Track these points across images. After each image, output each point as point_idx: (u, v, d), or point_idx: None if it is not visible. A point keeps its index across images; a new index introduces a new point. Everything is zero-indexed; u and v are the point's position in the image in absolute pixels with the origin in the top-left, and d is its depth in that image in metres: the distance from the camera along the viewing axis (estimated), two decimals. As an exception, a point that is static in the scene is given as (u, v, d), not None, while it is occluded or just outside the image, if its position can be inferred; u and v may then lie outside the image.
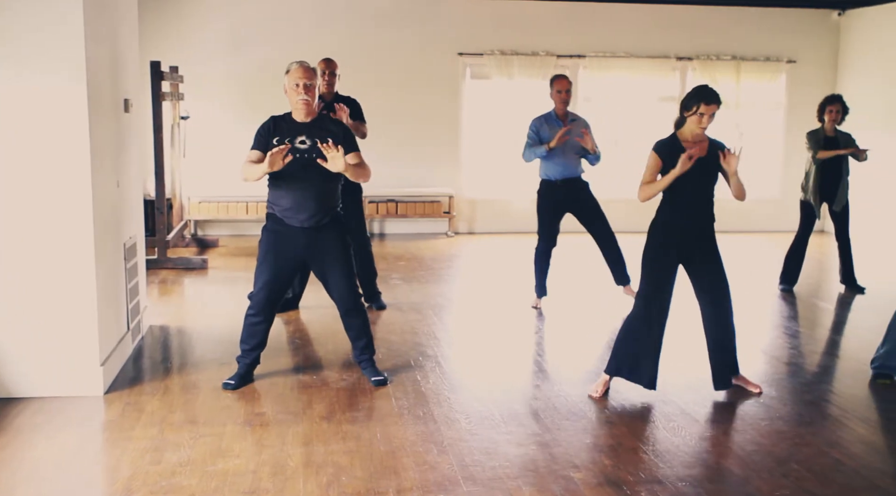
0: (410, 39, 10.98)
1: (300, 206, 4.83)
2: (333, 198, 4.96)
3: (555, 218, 6.94)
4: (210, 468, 3.86)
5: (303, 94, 4.81)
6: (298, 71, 4.83)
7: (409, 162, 11.18)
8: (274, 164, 4.60)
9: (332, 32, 10.62)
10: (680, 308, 5.54)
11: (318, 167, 4.81)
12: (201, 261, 8.66)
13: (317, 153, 4.80)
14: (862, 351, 5.82)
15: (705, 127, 4.67)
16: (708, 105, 4.61)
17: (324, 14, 10.75)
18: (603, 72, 11.26)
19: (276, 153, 4.59)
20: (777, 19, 11.61)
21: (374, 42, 10.85)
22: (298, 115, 4.87)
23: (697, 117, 4.64)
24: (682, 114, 4.73)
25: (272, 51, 10.39)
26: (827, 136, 7.59)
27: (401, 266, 8.96)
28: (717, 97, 4.64)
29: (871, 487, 3.78)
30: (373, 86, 10.37)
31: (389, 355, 5.65)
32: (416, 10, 10.95)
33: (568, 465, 3.96)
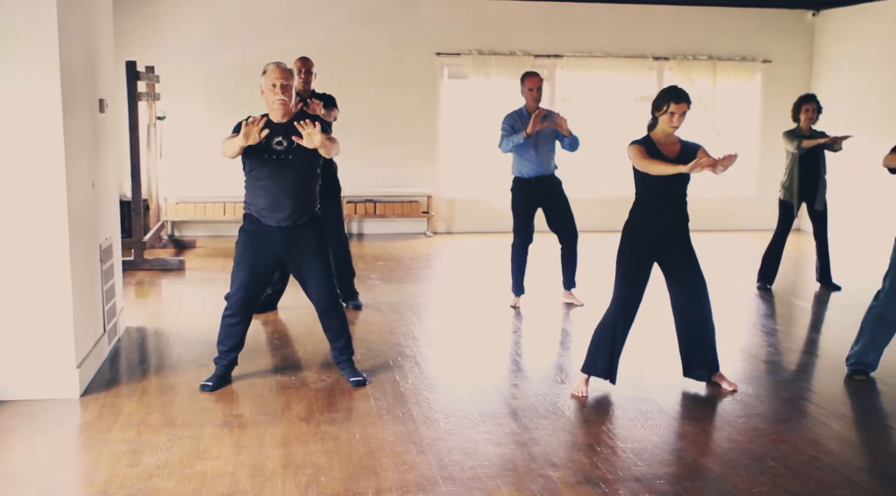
0: (388, 39, 10.96)
1: (277, 205, 4.81)
2: (311, 197, 4.95)
3: (528, 213, 6.96)
4: (188, 470, 3.84)
5: (279, 95, 4.80)
6: (275, 71, 4.82)
7: (388, 162, 11.16)
8: (249, 134, 4.59)
9: (309, 32, 10.58)
10: (656, 306, 5.58)
11: (295, 167, 4.80)
12: (178, 263, 8.61)
13: (293, 154, 4.79)
14: (838, 348, 5.87)
15: (676, 126, 4.71)
16: (678, 103, 4.65)
17: (301, 14, 10.71)
18: (580, 72, 11.29)
19: (251, 124, 4.59)
20: (752, 19, 11.69)
21: (352, 42, 10.82)
22: (275, 116, 4.85)
23: (668, 116, 4.68)
24: (653, 114, 4.78)
25: (249, 51, 10.34)
26: (804, 136, 7.65)
27: (379, 266, 8.95)
28: (686, 96, 4.69)
29: (847, 483, 3.81)
30: (350, 86, 10.35)
31: (368, 355, 5.64)
32: (393, 11, 10.93)
33: (546, 464, 3.97)
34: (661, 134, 4.78)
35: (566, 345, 6.17)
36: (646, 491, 3.70)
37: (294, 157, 4.80)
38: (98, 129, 5.49)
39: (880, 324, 5.20)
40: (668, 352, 5.54)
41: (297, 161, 4.82)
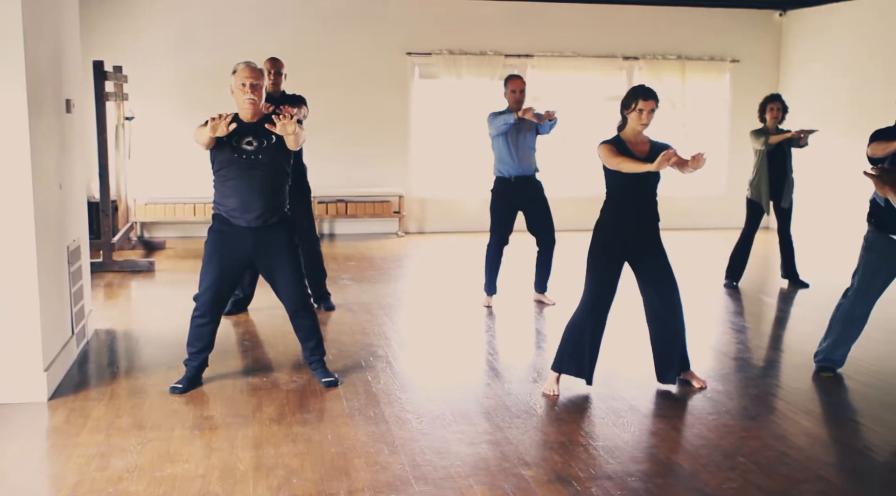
0: (358, 39, 10.94)
1: (247, 205, 4.78)
2: (281, 197, 4.92)
3: (507, 216, 6.97)
4: (158, 473, 3.81)
5: (249, 94, 4.78)
6: (245, 71, 4.80)
7: (359, 162, 11.14)
8: (216, 127, 4.58)
9: (278, 32, 10.53)
10: (629, 305, 5.61)
11: (264, 167, 4.79)
12: (148, 264, 8.54)
13: (263, 154, 4.77)
14: (806, 345, 5.93)
15: (646, 123, 4.75)
16: (646, 100, 4.70)
17: (270, 13, 10.66)
18: (551, 71, 11.33)
19: (217, 119, 4.58)
20: (721, 19, 11.80)
21: (322, 42, 10.79)
22: (245, 115, 4.83)
23: (637, 114, 4.72)
24: (622, 114, 4.82)
25: (218, 51, 10.28)
26: (770, 134, 7.72)
27: (351, 266, 8.93)
28: (653, 93, 4.74)
29: (815, 478, 3.86)
30: (321, 86, 10.32)
31: (340, 356, 5.63)
32: (364, 10, 10.91)
33: (519, 463, 3.97)
34: (631, 133, 4.81)
35: (538, 345, 6.18)
36: (617, 488, 3.72)
37: (263, 156, 4.78)
38: (65, 130, 5.43)
39: (848, 321, 5.25)
40: (640, 350, 5.58)
41: (267, 161, 4.80)
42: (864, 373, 5.38)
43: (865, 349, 5.68)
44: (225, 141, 4.75)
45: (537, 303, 7.19)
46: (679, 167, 4.71)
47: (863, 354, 5.62)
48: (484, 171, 7.09)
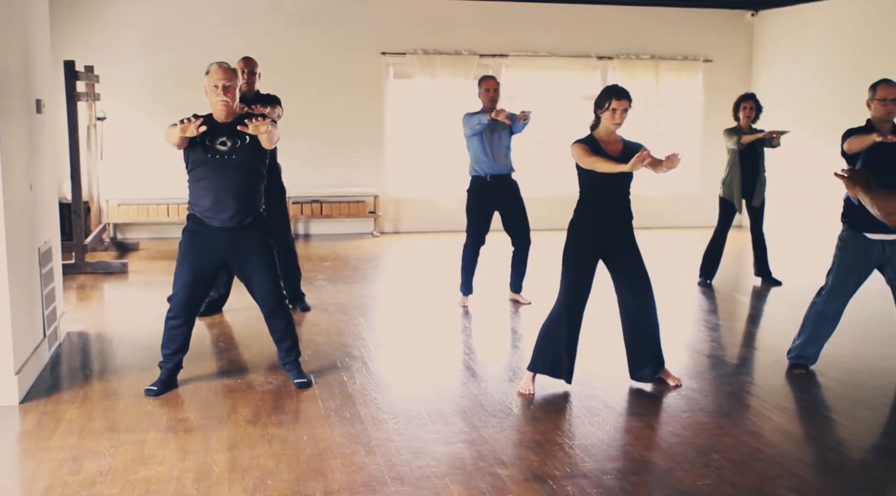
0: (332, 39, 10.91)
1: (221, 205, 4.76)
2: (255, 197, 4.90)
3: (484, 215, 6.97)
4: (132, 476, 3.77)
5: (222, 96, 4.75)
6: (218, 72, 4.76)
7: (334, 162, 11.12)
8: (186, 129, 4.57)
9: (252, 32, 10.48)
10: (603, 303, 5.63)
11: (238, 167, 4.77)
12: (121, 265, 8.47)
13: (236, 154, 4.75)
14: (779, 342, 5.98)
15: (619, 123, 4.77)
16: (619, 100, 4.71)
17: (244, 13, 10.61)
18: (525, 71, 11.36)
19: (186, 122, 4.57)
20: (694, 19, 11.88)
21: (296, 42, 10.75)
22: (218, 116, 4.81)
23: (611, 113, 4.74)
24: (595, 113, 4.83)
25: (191, 50, 10.22)
26: (743, 133, 7.79)
27: (326, 267, 8.90)
28: (626, 93, 4.75)
29: (788, 475, 3.89)
30: (295, 86, 10.28)
31: (315, 357, 5.61)
32: (338, 10, 10.89)
33: (495, 462, 3.98)
34: (604, 132, 4.83)
35: (514, 344, 6.19)
36: (593, 486, 3.73)
37: (238, 157, 4.76)
38: (35, 130, 5.37)
39: (821, 319, 5.30)
40: (615, 348, 5.60)
41: (241, 161, 4.78)
42: (837, 369, 5.43)
43: (838, 346, 5.74)
44: (198, 141, 4.72)
45: (513, 302, 7.20)
46: (653, 167, 4.74)
47: (835, 351, 5.67)
48: (459, 170, 7.09)
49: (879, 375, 5.37)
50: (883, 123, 5.16)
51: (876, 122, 5.18)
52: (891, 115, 5.15)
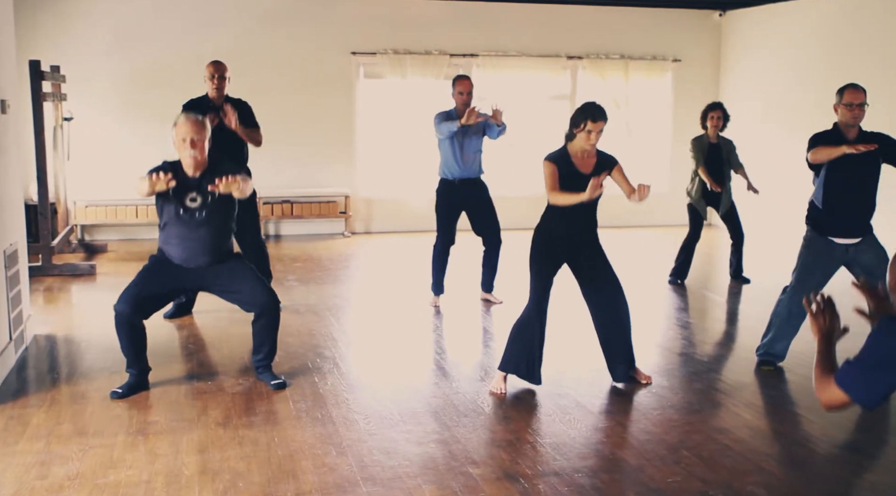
0: (302, 39, 10.86)
1: (192, 259, 4.84)
2: (226, 246, 4.97)
3: (451, 216, 6.98)
4: (100, 480, 3.74)
5: (190, 150, 4.72)
6: (185, 125, 4.74)
7: (304, 162, 11.07)
8: (156, 184, 4.57)
9: (221, 31, 10.41)
10: (573, 303, 5.65)
11: (209, 224, 4.80)
12: (89, 267, 8.38)
13: (206, 210, 4.77)
14: (748, 339, 6.05)
15: (593, 143, 4.77)
16: (595, 122, 4.70)
17: (212, 12, 10.53)
18: (496, 71, 11.37)
19: (158, 178, 4.56)
20: (662, 19, 11.95)
21: (266, 41, 10.69)
22: (188, 169, 4.79)
23: (585, 134, 4.73)
24: (571, 129, 4.81)
25: (159, 50, 10.13)
26: (711, 143, 7.86)
27: (297, 267, 8.86)
28: (603, 114, 4.74)
29: (756, 470, 3.93)
30: (265, 86, 10.23)
31: (287, 358, 5.58)
32: (308, 9, 10.84)
33: (467, 462, 3.98)
34: (579, 148, 4.82)
35: (485, 344, 6.20)
36: (564, 485, 3.75)
37: (207, 214, 4.78)
38: (0, 131, 5.30)
39: (788, 316, 5.36)
40: (585, 347, 5.63)
41: (212, 218, 4.81)
42: (804, 366, 5.48)
43: (806, 343, 5.77)
44: (169, 195, 4.72)
45: (484, 302, 7.21)
46: (626, 192, 4.79)
47: (803, 348, 5.72)
48: (430, 170, 7.08)
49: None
50: (849, 128, 5.16)
51: (842, 127, 5.18)
52: (857, 119, 5.13)
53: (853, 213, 5.22)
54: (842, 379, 2.51)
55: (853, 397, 2.48)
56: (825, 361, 2.65)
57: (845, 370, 2.51)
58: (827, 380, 2.56)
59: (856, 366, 2.48)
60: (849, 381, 2.49)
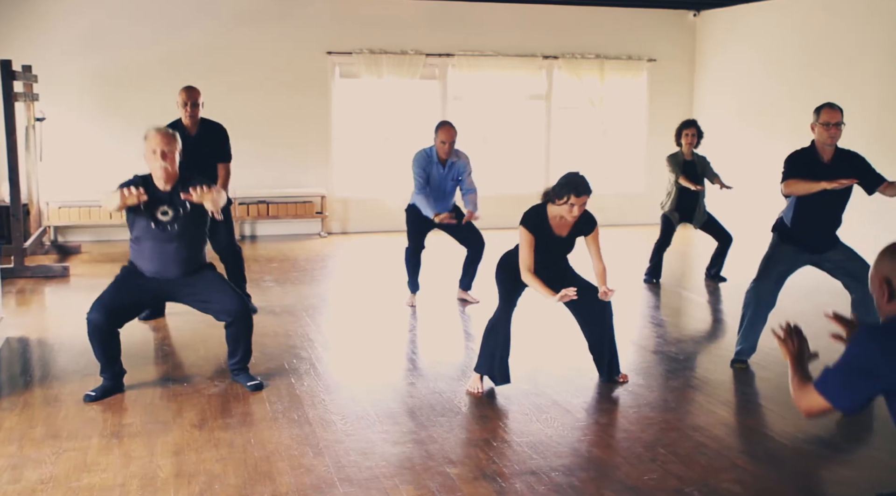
0: (278, 38, 10.81)
1: (162, 272, 4.82)
2: (198, 259, 4.94)
3: (423, 231, 6.99)
4: (74, 484, 3.71)
5: (161, 161, 4.70)
6: (156, 137, 4.72)
7: (280, 162, 11.02)
8: (128, 199, 4.55)
9: (195, 31, 10.35)
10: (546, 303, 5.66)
11: (181, 237, 4.78)
12: (62, 269, 8.30)
13: (178, 223, 4.75)
14: (723, 337, 6.10)
15: (576, 216, 4.71)
16: (578, 196, 4.63)
17: (187, 12, 10.46)
18: (471, 70, 11.38)
19: (127, 192, 4.54)
20: (637, 19, 12.01)
21: (241, 41, 10.63)
22: (159, 182, 4.77)
23: (568, 207, 4.66)
24: (553, 197, 4.72)
25: (132, 50, 10.06)
26: (686, 160, 7.91)
27: (273, 268, 8.83)
28: (587, 188, 4.65)
29: (731, 467, 3.96)
30: (240, 86, 10.19)
31: (263, 359, 5.56)
32: (283, 9, 10.79)
33: (444, 461, 3.98)
34: (557, 214, 4.77)
35: (462, 343, 6.20)
36: (541, 483, 3.76)
37: (179, 227, 4.77)
38: (-29, 132, 5.25)
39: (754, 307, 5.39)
40: (561, 346, 5.65)
41: (183, 230, 4.79)
42: (778, 363, 5.53)
43: (778, 340, 5.85)
44: (140, 208, 4.70)
45: (461, 300, 7.22)
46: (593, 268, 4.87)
47: (776, 344, 5.76)
48: (406, 170, 7.06)
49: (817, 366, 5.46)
50: (826, 147, 5.17)
51: (819, 146, 5.19)
52: (833, 139, 5.12)
53: (822, 231, 5.29)
54: (822, 385, 2.52)
55: (834, 403, 2.50)
56: (800, 374, 2.68)
57: (825, 377, 2.52)
58: (806, 387, 2.58)
59: (836, 373, 2.49)
60: (829, 388, 2.51)
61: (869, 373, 2.43)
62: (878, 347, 2.43)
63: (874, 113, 8.94)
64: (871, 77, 9.08)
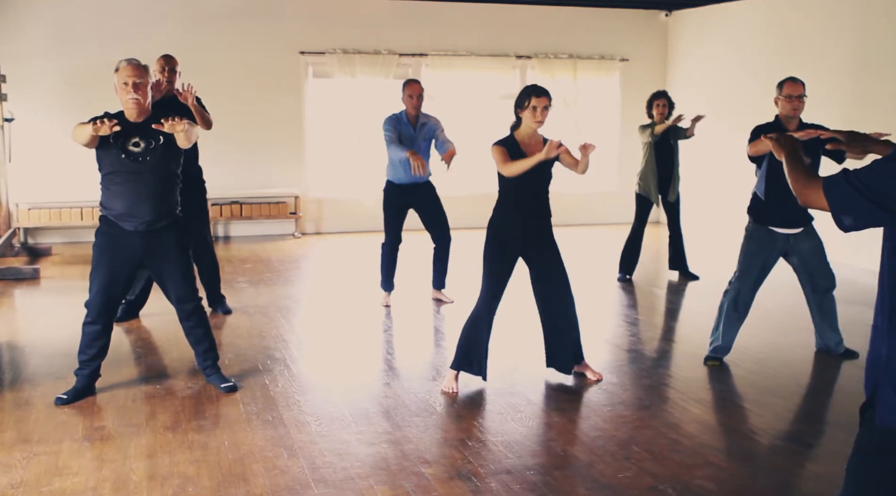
0: (250, 37, 10.76)
1: (135, 209, 4.65)
2: (170, 201, 4.80)
3: (400, 216, 6.97)
4: (45, 488, 3.67)
5: (132, 93, 4.61)
6: (127, 69, 4.62)
7: (253, 163, 10.97)
8: (100, 128, 4.42)
9: (166, 30, 10.27)
10: (524, 301, 5.68)
11: (153, 170, 4.66)
12: (32, 271, 8.21)
13: (150, 155, 4.64)
14: (696, 335, 6.13)
15: (540, 120, 4.79)
16: (538, 97, 4.75)
17: (158, 10, 10.38)
18: (445, 70, 11.39)
19: (100, 123, 4.43)
20: (610, 19, 12.07)
21: (213, 40, 10.58)
22: (130, 115, 4.68)
23: (531, 111, 4.77)
24: (516, 113, 4.86)
25: (102, 48, 9.96)
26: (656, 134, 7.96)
27: (247, 269, 8.78)
28: (545, 91, 4.79)
29: (705, 464, 3.98)
30: (212, 85, 10.08)
31: (237, 360, 5.53)
32: (255, 8, 10.74)
33: (419, 461, 3.98)
34: (525, 132, 4.86)
35: (437, 343, 6.20)
36: (516, 482, 3.76)
37: (151, 158, 4.65)
38: (-62, 132, 5.18)
39: (732, 308, 5.46)
40: (536, 345, 5.65)
41: (155, 163, 4.67)
42: (750, 360, 5.58)
43: (752, 337, 5.91)
44: (111, 141, 4.60)
45: (435, 300, 7.22)
46: (572, 167, 4.83)
47: (749, 343, 5.84)
48: (380, 170, 7.06)
49: (790, 364, 5.54)
50: (790, 120, 5.33)
51: (783, 119, 5.35)
52: (797, 111, 5.31)
53: (795, 203, 5.31)
54: (831, 189, 2.28)
55: (834, 210, 2.26)
56: (800, 166, 2.43)
57: (839, 183, 2.26)
58: (814, 181, 2.34)
59: (852, 185, 2.21)
60: (837, 195, 2.26)
61: (885, 203, 2.17)
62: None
63: (843, 109, 9.04)
64: (840, 74, 9.18)
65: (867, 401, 2.27)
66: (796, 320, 6.47)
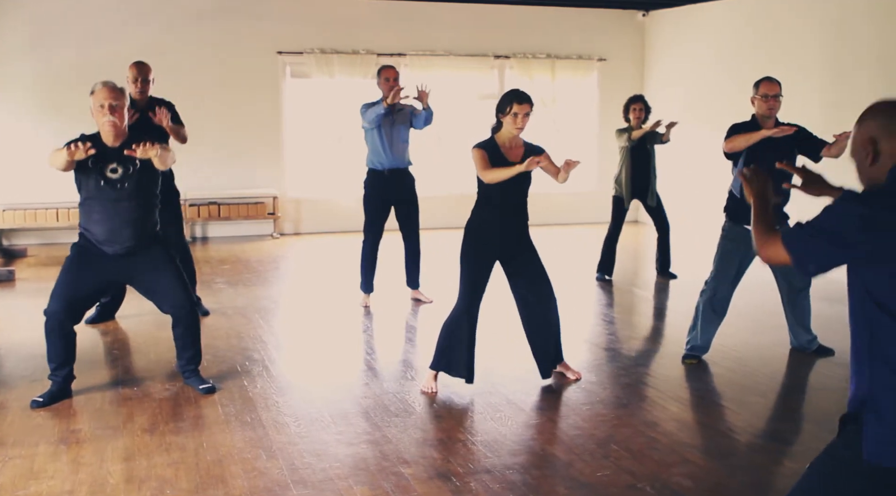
0: (227, 37, 10.72)
1: (114, 235, 4.65)
2: (150, 224, 4.80)
3: (381, 211, 6.96)
4: (20, 492, 3.63)
5: (109, 116, 4.58)
6: (103, 91, 4.59)
7: (231, 163, 10.92)
8: (75, 153, 4.38)
9: (142, 31, 10.20)
10: (503, 301, 5.68)
11: (131, 196, 4.64)
12: (7, 273, 8.14)
13: (128, 181, 4.62)
14: (674, 334, 6.16)
15: (521, 127, 4.77)
16: (521, 104, 4.72)
17: (134, 10, 10.31)
18: (424, 70, 11.37)
19: (74, 147, 4.39)
20: (588, 19, 12.11)
21: (189, 40, 10.52)
22: (107, 139, 4.64)
23: (512, 118, 4.74)
24: (497, 117, 4.83)
25: (78, 49, 9.89)
26: (633, 130, 7.99)
27: (225, 269, 8.74)
28: (528, 97, 4.77)
29: (682, 462, 4.00)
30: (189, 86, 10.06)
31: (215, 361, 5.50)
32: (232, 8, 10.70)
33: (398, 461, 3.97)
34: (506, 137, 4.84)
35: (416, 343, 6.20)
36: (496, 482, 3.76)
37: (129, 184, 4.63)
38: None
39: (709, 307, 5.49)
40: (515, 344, 5.66)
41: (133, 189, 4.65)
42: (728, 358, 5.62)
43: (729, 336, 5.95)
44: (89, 166, 4.56)
45: (414, 300, 7.21)
46: (553, 175, 4.84)
47: (727, 341, 5.87)
48: (359, 169, 7.05)
49: (768, 362, 5.58)
50: (766, 119, 5.37)
51: (759, 118, 5.39)
52: (773, 110, 5.35)
53: None
54: (789, 241, 2.35)
55: (797, 263, 2.34)
56: (764, 218, 2.51)
57: (796, 233, 2.34)
58: (772, 237, 2.41)
59: (808, 233, 2.30)
60: (796, 245, 2.34)
61: (841, 242, 2.24)
62: (856, 215, 2.23)
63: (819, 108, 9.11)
64: (817, 73, 9.25)
65: (849, 415, 2.28)
66: (773, 319, 6.51)
